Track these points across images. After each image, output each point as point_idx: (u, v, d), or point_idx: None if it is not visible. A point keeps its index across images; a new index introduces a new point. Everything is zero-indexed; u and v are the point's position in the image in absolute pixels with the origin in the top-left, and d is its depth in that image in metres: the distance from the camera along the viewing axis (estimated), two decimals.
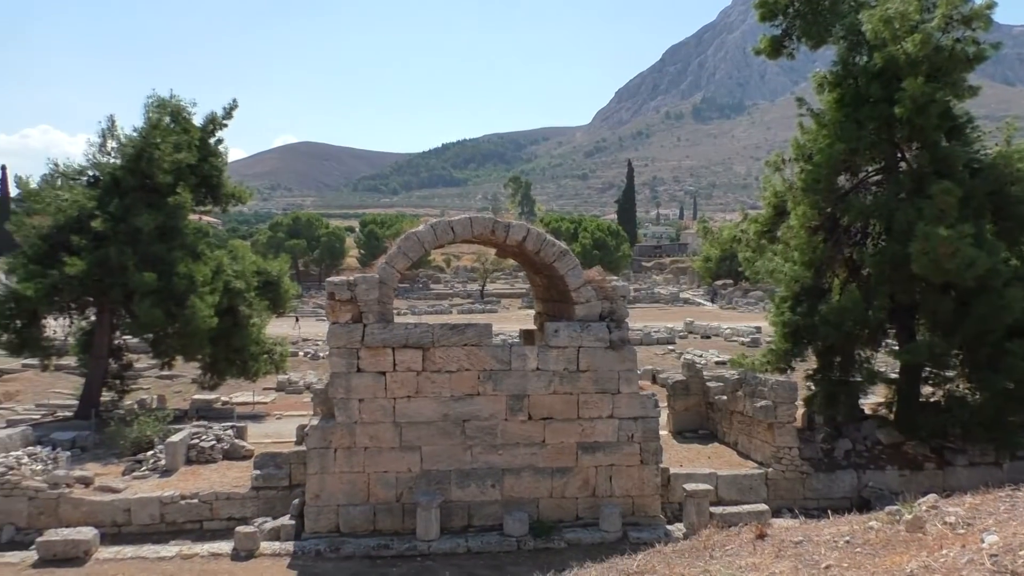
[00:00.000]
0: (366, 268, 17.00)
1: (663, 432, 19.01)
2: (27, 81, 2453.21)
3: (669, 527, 15.91)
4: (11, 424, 22.47)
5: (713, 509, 15.65)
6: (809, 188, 18.95)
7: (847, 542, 7.56)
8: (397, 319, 16.37)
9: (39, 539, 14.25)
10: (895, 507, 8.73)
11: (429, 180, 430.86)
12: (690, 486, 15.82)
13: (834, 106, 19.19)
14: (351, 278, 15.94)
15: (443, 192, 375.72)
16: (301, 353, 39.08)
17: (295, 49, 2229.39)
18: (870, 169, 19.82)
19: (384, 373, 15.63)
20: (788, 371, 19.75)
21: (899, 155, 19.40)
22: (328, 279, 16.44)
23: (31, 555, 14.04)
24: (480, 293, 78.50)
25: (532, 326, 20.92)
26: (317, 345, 41.28)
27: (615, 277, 17.91)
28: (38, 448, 18.66)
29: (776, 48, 21.43)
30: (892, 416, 20.09)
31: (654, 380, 30.32)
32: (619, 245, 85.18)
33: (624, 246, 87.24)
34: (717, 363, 32.13)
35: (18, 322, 23.99)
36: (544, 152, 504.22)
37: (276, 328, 32.67)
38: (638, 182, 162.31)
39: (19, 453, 17.68)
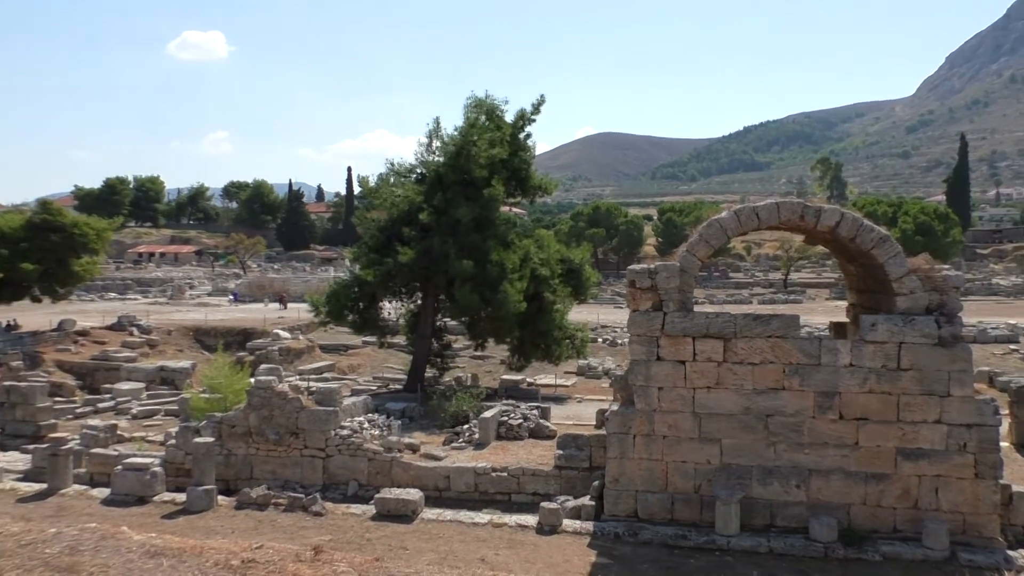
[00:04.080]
0: (665, 256, 16.94)
1: (1004, 443, 16.63)
2: (367, 92, 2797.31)
3: (1010, 552, 13.90)
4: (354, 393, 25.84)
5: None
6: None
7: None
8: (696, 308, 16.10)
9: (377, 496, 16.29)
10: None
11: (729, 165, 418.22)
12: None
13: None
14: (652, 266, 15.96)
15: (743, 177, 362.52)
16: (600, 339, 40.14)
17: (595, 42, 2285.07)
18: None
19: (684, 362, 15.46)
20: None
21: None
22: (629, 267, 16.61)
23: (370, 509, 16.07)
24: (783, 282, 74.62)
25: (843, 318, 19.44)
26: (615, 332, 42.16)
27: (945, 266, 15.98)
28: (375, 416, 21.31)
29: None
30: None
31: (991, 383, 27.59)
32: (948, 230, 75.96)
33: (954, 231, 77.57)
34: None
35: (360, 304, 27.54)
36: (858, 130, 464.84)
37: (576, 315, 33.81)
38: (973, 158, 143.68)
39: (361, 419, 20.30)
